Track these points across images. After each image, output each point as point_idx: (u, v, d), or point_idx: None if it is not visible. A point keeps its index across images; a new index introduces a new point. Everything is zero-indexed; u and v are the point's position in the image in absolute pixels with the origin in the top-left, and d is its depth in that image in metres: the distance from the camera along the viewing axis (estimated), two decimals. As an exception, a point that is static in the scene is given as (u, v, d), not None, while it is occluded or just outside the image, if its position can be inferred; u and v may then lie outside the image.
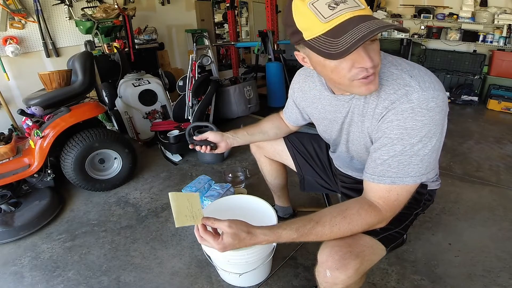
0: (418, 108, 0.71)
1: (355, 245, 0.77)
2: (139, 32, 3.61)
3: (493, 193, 1.85)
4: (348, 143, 0.94)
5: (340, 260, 0.74)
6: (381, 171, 0.76)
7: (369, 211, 0.76)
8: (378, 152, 0.77)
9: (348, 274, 0.74)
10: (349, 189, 1.11)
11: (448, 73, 3.96)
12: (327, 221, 0.75)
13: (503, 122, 3.12)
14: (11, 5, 2.70)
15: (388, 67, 0.77)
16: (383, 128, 0.76)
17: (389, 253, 0.89)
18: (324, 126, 1.01)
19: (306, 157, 1.29)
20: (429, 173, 0.76)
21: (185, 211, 0.82)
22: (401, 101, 0.72)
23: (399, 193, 0.76)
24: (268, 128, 1.25)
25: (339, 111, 0.90)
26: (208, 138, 1.14)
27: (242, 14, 6.12)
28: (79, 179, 1.94)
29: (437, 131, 0.73)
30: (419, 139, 0.72)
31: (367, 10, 0.64)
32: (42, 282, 1.38)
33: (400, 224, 0.91)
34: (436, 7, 4.13)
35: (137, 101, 2.78)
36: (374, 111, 0.78)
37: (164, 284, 1.33)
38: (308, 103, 1.03)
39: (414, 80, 0.73)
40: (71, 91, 2.01)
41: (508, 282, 1.24)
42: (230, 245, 0.76)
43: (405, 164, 0.74)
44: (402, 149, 0.73)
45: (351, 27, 0.61)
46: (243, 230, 0.76)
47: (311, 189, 1.37)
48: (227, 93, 3.16)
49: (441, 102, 0.72)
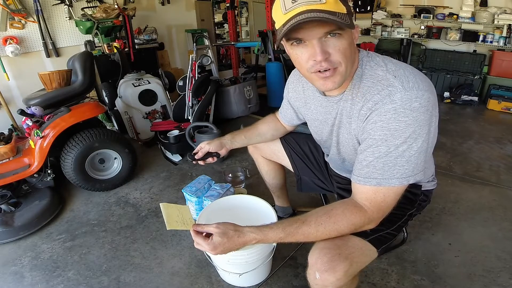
0: (401, 109, 0.70)
1: (344, 247, 0.77)
2: (139, 32, 3.61)
3: (493, 193, 1.85)
4: (339, 145, 0.94)
5: (328, 262, 0.74)
6: (367, 173, 0.76)
7: (354, 212, 0.76)
8: (364, 153, 0.77)
9: (337, 276, 0.73)
10: (344, 190, 1.11)
11: (448, 73, 3.96)
12: (312, 221, 0.76)
13: (503, 122, 3.12)
14: (11, 5, 2.70)
15: (375, 69, 0.77)
16: (368, 129, 0.76)
17: (381, 254, 0.88)
18: (315, 127, 1.02)
19: (302, 157, 1.29)
20: (416, 174, 0.75)
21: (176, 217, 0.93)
22: (384, 102, 0.72)
23: (385, 194, 0.75)
24: (265, 130, 1.26)
25: (329, 112, 0.90)
26: (209, 150, 1.16)
27: (242, 14, 6.13)
28: (79, 179, 1.94)
29: (422, 131, 0.71)
30: (404, 140, 0.71)
31: (328, 5, 0.66)
32: (42, 282, 1.38)
33: (392, 225, 0.90)
34: (436, 7, 4.13)
35: (137, 101, 2.78)
36: (359, 113, 0.79)
37: (164, 284, 1.33)
38: (302, 103, 1.04)
39: (397, 80, 0.73)
40: (71, 91, 2.01)
41: (508, 282, 1.24)
42: (219, 244, 0.78)
43: (390, 166, 0.73)
44: (387, 151, 0.73)
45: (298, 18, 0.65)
46: (230, 228, 0.80)
47: (308, 189, 1.37)
48: (227, 93, 3.16)
49: (426, 102, 0.71)
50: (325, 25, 0.67)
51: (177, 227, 0.91)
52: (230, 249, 0.80)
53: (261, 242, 0.80)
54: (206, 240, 0.80)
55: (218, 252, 0.80)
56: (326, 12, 0.64)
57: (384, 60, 0.79)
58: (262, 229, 0.79)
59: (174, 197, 1.98)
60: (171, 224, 0.91)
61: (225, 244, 0.78)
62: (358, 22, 4.87)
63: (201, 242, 0.80)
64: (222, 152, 1.17)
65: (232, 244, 0.79)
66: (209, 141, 1.17)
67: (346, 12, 0.68)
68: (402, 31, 4.46)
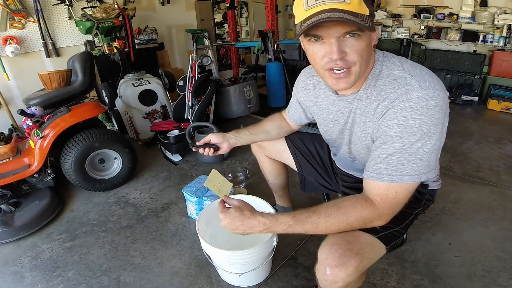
0: (417, 107, 0.71)
1: (355, 243, 0.78)
2: (139, 32, 3.61)
3: (493, 193, 1.85)
4: (351, 143, 0.94)
5: (340, 257, 0.74)
6: (380, 169, 0.77)
7: (364, 205, 0.77)
8: (378, 150, 0.78)
9: (348, 272, 0.74)
10: (350, 188, 1.11)
11: (448, 73, 3.96)
12: (322, 211, 0.78)
13: (503, 122, 3.12)
14: (11, 5, 2.70)
15: (391, 69, 0.78)
16: (383, 126, 0.77)
17: (389, 252, 0.89)
18: (325, 126, 1.02)
19: (307, 157, 1.29)
20: (429, 172, 0.76)
21: (216, 183, 1.05)
22: (401, 100, 0.73)
23: (397, 191, 0.76)
24: (270, 128, 1.26)
25: (341, 111, 0.91)
26: (210, 140, 1.15)
27: (242, 14, 6.12)
28: (79, 179, 1.94)
29: (436, 130, 0.73)
30: (418, 138, 0.72)
31: (351, 6, 0.66)
32: (42, 282, 1.38)
33: (401, 223, 0.91)
34: (436, 7, 4.13)
35: (137, 101, 2.78)
36: (375, 111, 0.79)
37: (164, 284, 1.33)
38: (312, 102, 1.04)
39: (414, 79, 0.74)
40: (71, 91, 2.01)
41: (508, 282, 1.24)
42: (230, 216, 0.84)
43: (404, 163, 0.74)
44: (401, 147, 0.74)
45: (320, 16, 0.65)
46: (247, 207, 0.86)
47: (311, 189, 1.37)
48: (227, 93, 3.16)
49: (441, 101, 0.72)
50: (345, 25, 0.67)
51: (212, 189, 1.02)
52: (237, 228, 0.84)
53: (269, 230, 0.82)
54: (224, 208, 0.88)
55: (225, 224, 0.86)
56: (348, 13, 0.65)
57: (400, 60, 0.80)
58: (273, 215, 0.82)
59: (174, 197, 1.98)
60: (209, 183, 1.03)
61: (235, 219, 0.83)
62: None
63: (220, 208, 0.89)
64: (224, 146, 1.15)
65: (240, 222, 0.83)
66: (214, 133, 1.17)
67: (369, 14, 0.69)
68: (402, 31, 4.46)
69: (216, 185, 1.05)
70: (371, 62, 0.80)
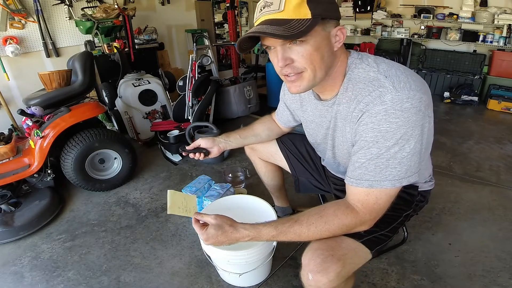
0: (391, 110, 0.69)
1: (337, 249, 0.77)
2: (139, 32, 3.61)
3: (493, 193, 1.85)
4: (334, 148, 0.94)
5: (321, 263, 0.74)
6: (359, 174, 0.75)
7: (345, 212, 0.76)
8: (356, 155, 0.77)
9: (329, 277, 0.73)
10: (341, 191, 1.10)
11: (448, 73, 3.96)
12: (304, 220, 0.77)
13: (503, 122, 3.12)
14: (11, 5, 2.70)
15: (367, 71, 0.76)
16: (360, 131, 0.76)
17: (375, 256, 0.87)
18: (311, 129, 1.02)
19: (299, 158, 1.29)
20: (410, 176, 0.74)
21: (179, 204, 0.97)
22: (375, 103, 0.71)
23: (377, 196, 0.74)
24: (261, 131, 1.26)
25: (324, 115, 0.90)
26: (200, 145, 1.15)
27: (242, 14, 6.12)
28: (79, 179, 1.94)
29: (414, 132, 0.70)
30: (395, 142, 0.70)
31: (286, 13, 0.68)
32: (42, 282, 1.38)
33: (387, 226, 0.90)
34: (436, 7, 4.13)
35: (137, 101, 2.78)
36: (351, 115, 0.78)
37: (164, 284, 1.33)
38: (298, 105, 1.04)
39: (388, 81, 0.72)
40: (71, 91, 2.01)
41: (508, 282, 1.24)
42: (213, 236, 0.81)
43: (382, 168, 0.72)
44: (378, 152, 0.72)
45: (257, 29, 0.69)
46: (226, 223, 0.82)
47: (305, 190, 1.36)
48: (227, 93, 3.16)
49: (417, 102, 0.69)
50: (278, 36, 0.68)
51: (178, 213, 0.96)
52: (222, 243, 0.82)
53: (254, 240, 0.81)
54: (202, 229, 0.84)
55: (210, 243, 0.83)
56: (279, 22, 0.67)
57: (376, 61, 0.78)
58: (256, 226, 0.81)
59: (174, 197, 1.98)
60: (172, 209, 0.97)
61: (218, 237, 0.81)
62: (358, 22, 4.88)
63: (197, 230, 0.85)
64: (214, 151, 1.15)
65: (225, 238, 0.81)
66: (204, 137, 1.17)
67: (311, 17, 0.67)
68: (402, 31, 4.46)
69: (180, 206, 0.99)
70: (337, 64, 0.78)
